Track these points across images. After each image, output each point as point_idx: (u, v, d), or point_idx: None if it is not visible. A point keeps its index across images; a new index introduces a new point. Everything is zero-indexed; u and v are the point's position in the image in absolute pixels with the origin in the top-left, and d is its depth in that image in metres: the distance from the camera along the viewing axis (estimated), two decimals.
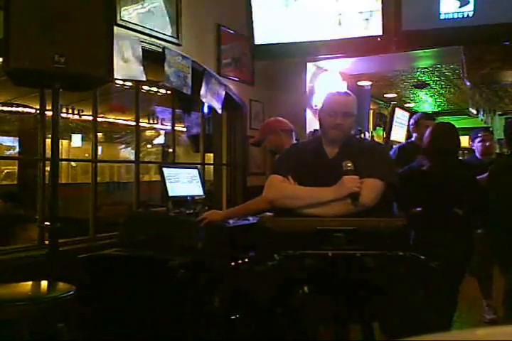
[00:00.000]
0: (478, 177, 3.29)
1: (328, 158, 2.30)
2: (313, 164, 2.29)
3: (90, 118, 3.69)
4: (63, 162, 6.18)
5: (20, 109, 6.72)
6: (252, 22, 4.10)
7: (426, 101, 8.85)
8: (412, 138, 4.11)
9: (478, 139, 4.14)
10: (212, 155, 4.81)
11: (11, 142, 7.99)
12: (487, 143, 4.12)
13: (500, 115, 8.80)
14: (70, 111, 6.91)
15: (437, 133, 3.24)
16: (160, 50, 3.61)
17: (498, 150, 5.48)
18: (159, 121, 8.37)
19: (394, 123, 8.00)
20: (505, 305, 3.34)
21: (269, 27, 4.13)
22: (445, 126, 3.37)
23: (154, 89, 5.82)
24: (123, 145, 8.89)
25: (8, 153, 7.90)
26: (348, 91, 2.42)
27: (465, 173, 3.19)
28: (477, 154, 4.15)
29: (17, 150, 7.65)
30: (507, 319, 3.28)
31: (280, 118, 3.35)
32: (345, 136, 2.30)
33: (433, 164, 3.17)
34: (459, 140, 3.30)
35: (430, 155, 3.20)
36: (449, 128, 3.31)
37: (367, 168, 2.16)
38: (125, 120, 7.79)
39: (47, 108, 2.97)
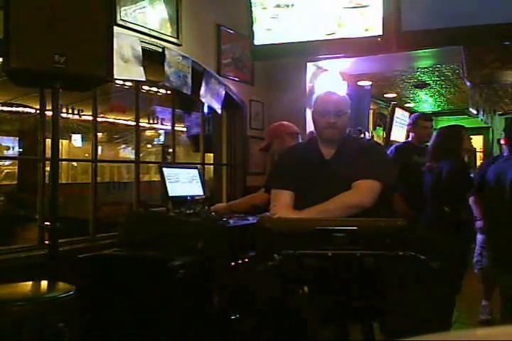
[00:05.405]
0: None
1: (326, 159, 2.30)
2: (311, 165, 2.29)
3: (90, 118, 3.69)
4: (63, 162, 6.16)
5: (20, 109, 6.72)
6: (252, 22, 4.10)
7: (426, 101, 8.83)
8: (409, 139, 4.11)
9: None
10: (212, 155, 4.81)
11: (11, 142, 7.98)
12: None
13: (500, 115, 8.79)
14: (70, 111, 6.91)
15: (443, 135, 3.27)
16: (160, 50, 3.61)
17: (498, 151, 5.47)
18: (159, 121, 8.37)
19: (394, 123, 7.99)
20: (503, 309, 3.33)
21: (269, 27, 4.12)
22: (451, 129, 3.39)
23: (154, 89, 5.81)
24: (123, 145, 8.88)
25: (8, 153, 7.89)
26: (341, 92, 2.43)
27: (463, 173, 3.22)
28: None
29: (17, 150, 7.65)
30: (503, 320, 3.27)
31: (284, 122, 3.37)
32: (341, 135, 2.30)
33: (435, 164, 3.19)
34: (468, 142, 3.33)
35: (433, 156, 3.23)
36: (455, 131, 3.33)
37: (364, 168, 2.16)
38: (125, 120, 7.79)
39: (47, 108, 2.97)
